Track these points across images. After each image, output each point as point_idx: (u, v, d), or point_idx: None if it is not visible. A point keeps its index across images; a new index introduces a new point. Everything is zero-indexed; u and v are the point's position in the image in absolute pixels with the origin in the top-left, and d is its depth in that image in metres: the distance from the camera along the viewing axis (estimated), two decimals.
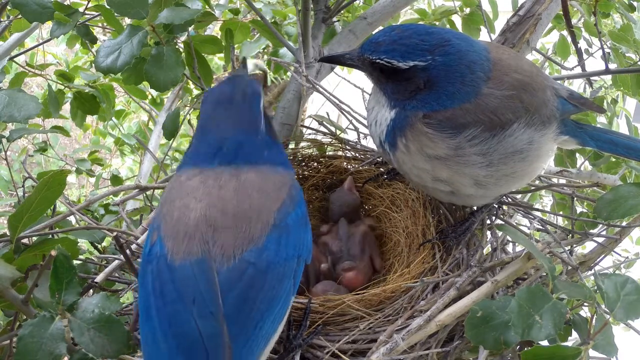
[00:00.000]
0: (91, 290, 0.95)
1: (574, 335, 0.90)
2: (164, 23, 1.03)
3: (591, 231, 1.06)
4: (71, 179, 3.37)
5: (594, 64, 1.51)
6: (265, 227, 0.71)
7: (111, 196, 1.30)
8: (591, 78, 1.81)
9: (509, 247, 1.07)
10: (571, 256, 0.97)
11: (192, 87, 2.01)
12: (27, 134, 1.40)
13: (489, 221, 1.04)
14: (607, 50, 1.36)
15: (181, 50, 1.13)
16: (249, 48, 1.72)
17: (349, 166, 1.27)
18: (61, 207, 1.62)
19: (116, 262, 0.99)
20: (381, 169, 1.23)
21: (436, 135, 0.86)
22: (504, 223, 1.04)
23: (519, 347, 0.88)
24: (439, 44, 0.84)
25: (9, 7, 1.22)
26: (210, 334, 0.64)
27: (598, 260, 1.03)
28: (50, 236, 0.89)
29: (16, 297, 0.74)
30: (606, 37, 1.32)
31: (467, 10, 1.69)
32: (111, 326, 0.71)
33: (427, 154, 0.88)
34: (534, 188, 1.19)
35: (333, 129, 1.28)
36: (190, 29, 1.16)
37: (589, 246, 1.07)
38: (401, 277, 1.01)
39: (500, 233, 1.02)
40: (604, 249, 1.01)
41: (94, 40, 1.27)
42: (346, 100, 1.25)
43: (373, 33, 1.37)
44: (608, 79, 1.84)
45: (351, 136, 1.28)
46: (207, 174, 0.74)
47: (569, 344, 0.84)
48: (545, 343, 0.77)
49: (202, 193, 0.72)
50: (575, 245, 1.05)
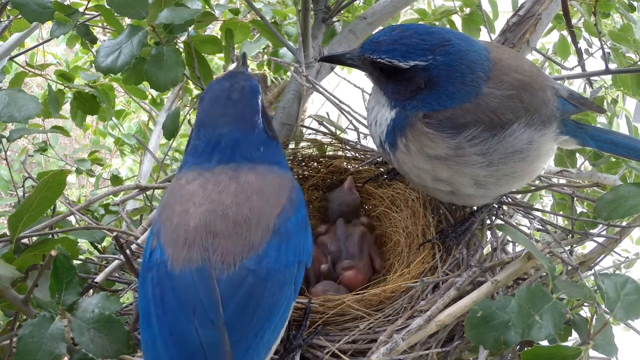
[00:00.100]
0: (91, 290, 0.95)
1: (574, 335, 0.90)
2: (164, 23, 1.03)
3: (591, 231, 1.06)
4: (71, 179, 3.37)
5: (594, 64, 1.51)
6: (266, 233, 0.70)
7: (111, 196, 1.30)
8: (591, 78, 1.81)
9: (509, 247, 1.07)
10: (571, 256, 0.97)
11: (192, 87, 2.01)
12: (27, 134, 1.40)
13: (489, 221, 1.04)
14: (607, 50, 1.36)
15: (181, 50, 1.13)
16: (249, 48, 1.72)
17: (349, 166, 1.27)
18: (61, 207, 1.62)
19: (116, 262, 0.99)
20: (381, 169, 1.23)
21: (436, 135, 0.86)
22: (504, 223, 1.04)
23: (519, 347, 0.88)
24: (439, 43, 0.84)
25: (9, 7, 1.22)
26: (211, 343, 0.64)
27: (598, 260, 1.03)
28: (50, 236, 0.89)
29: (16, 297, 0.74)
30: (606, 37, 1.32)
31: (467, 10, 1.69)
32: (111, 326, 0.71)
33: (427, 154, 0.88)
34: (534, 188, 1.19)
35: (333, 129, 1.28)
36: (190, 29, 1.16)
37: (589, 246, 1.07)
38: (401, 277, 1.01)
39: (500, 233, 1.02)
40: (604, 249, 1.01)
41: (94, 40, 1.27)
42: (346, 100, 1.25)
43: (373, 33, 1.37)
44: (608, 79, 1.84)
45: (351, 136, 1.28)
46: (206, 177, 0.74)
47: (569, 344, 0.84)
48: (545, 343, 0.77)
49: (201, 198, 0.72)
50: (575, 245, 1.05)
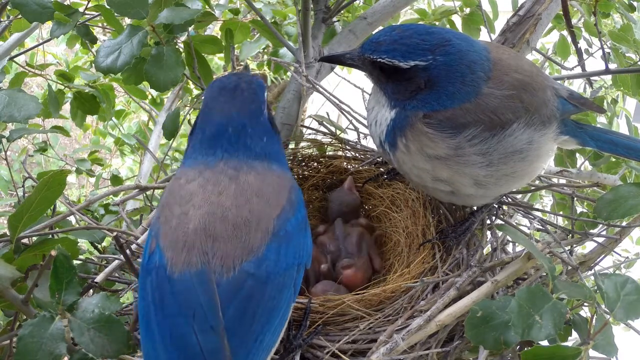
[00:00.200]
0: (91, 290, 0.95)
1: (574, 335, 0.90)
2: (164, 23, 1.03)
3: (591, 231, 1.06)
4: (71, 179, 3.37)
5: (594, 64, 1.51)
6: (265, 236, 0.70)
7: (111, 196, 1.30)
8: (591, 78, 1.81)
9: (509, 247, 1.07)
10: (571, 256, 0.97)
11: (192, 87, 2.01)
12: (27, 134, 1.40)
13: (489, 221, 1.04)
14: (607, 50, 1.36)
15: (181, 50, 1.13)
16: (249, 48, 1.71)
17: (349, 166, 1.27)
18: (61, 207, 1.62)
19: (116, 262, 0.99)
20: (381, 169, 1.23)
21: (436, 135, 0.86)
22: (504, 223, 1.04)
23: (519, 347, 0.88)
24: (439, 43, 0.84)
25: (9, 7, 1.22)
26: (210, 348, 0.64)
27: (598, 260, 1.03)
28: (50, 236, 0.89)
29: (16, 297, 0.74)
30: (606, 37, 1.32)
31: (467, 10, 1.69)
32: (111, 326, 0.71)
33: (427, 154, 0.88)
34: (534, 188, 1.19)
35: (333, 129, 1.28)
36: (190, 29, 1.16)
37: (589, 246, 1.07)
38: (401, 277, 1.01)
39: (500, 233, 1.02)
40: (604, 249, 1.01)
41: (94, 40, 1.27)
42: (346, 100, 1.25)
43: (373, 33, 1.37)
44: (608, 79, 1.84)
45: (351, 136, 1.28)
46: (206, 176, 0.74)
47: (569, 344, 0.84)
48: (545, 343, 0.77)
49: (201, 200, 0.71)
50: (575, 245, 1.05)
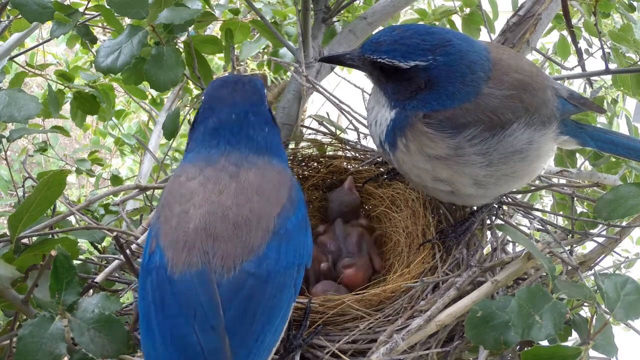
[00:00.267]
0: (91, 290, 0.95)
1: (574, 335, 0.90)
2: (164, 23, 1.03)
3: (591, 231, 1.06)
4: (71, 179, 3.37)
5: (594, 64, 1.51)
6: (266, 234, 0.70)
7: (111, 196, 1.30)
8: (591, 78, 1.81)
9: (509, 247, 1.07)
10: (571, 256, 0.97)
11: (192, 87, 2.01)
12: (27, 134, 1.40)
13: (489, 221, 1.04)
14: (607, 50, 1.36)
15: (181, 50, 1.13)
16: (249, 48, 1.71)
17: (349, 166, 1.27)
18: (61, 207, 1.62)
19: (116, 262, 0.99)
20: (381, 169, 1.23)
21: (436, 135, 0.86)
22: (504, 223, 1.04)
23: (519, 347, 0.88)
24: (440, 44, 0.84)
25: (9, 7, 1.22)
26: (211, 348, 0.64)
27: (598, 260, 1.03)
28: (50, 236, 0.89)
29: (16, 297, 0.74)
30: (606, 37, 1.32)
31: (467, 10, 1.69)
32: (111, 326, 0.71)
33: (427, 154, 0.88)
34: (534, 188, 1.19)
35: (333, 129, 1.28)
36: (190, 29, 1.16)
37: (589, 246, 1.07)
38: (401, 277, 1.01)
39: (500, 233, 1.02)
40: (604, 249, 1.01)
41: (94, 40, 1.27)
42: (346, 100, 1.25)
43: (373, 33, 1.37)
44: (608, 79, 1.84)
45: (351, 136, 1.28)
46: (207, 174, 0.74)
47: (569, 344, 0.84)
48: (545, 343, 0.77)
49: (201, 199, 0.71)
50: (575, 245, 1.05)
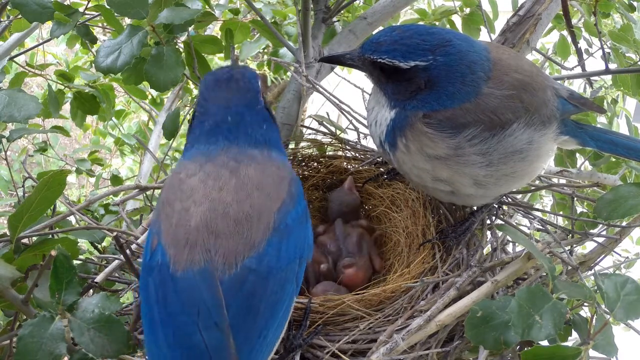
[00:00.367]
0: (91, 290, 0.95)
1: (574, 335, 0.90)
2: (164, 23, 1.03)
3: (591, 231, 1.06)
4: (71, 179, 3.37)
5: (594, 64, 1.51)
6: (266, 230, 0.70)
7: (111, 196, 1.30)
8: (591, 78, 1.81)
9: (509, 247, 1.07)
10: (571, 256, 0.97)
11: (192, 87, 2.01)
12: (27, 134, 1.40)
13: (489, 221, 1.04)
14: (607, 50, 1.36)
15: (181, 50, 1.13)
16: (249, 48, 1.71)
17: (349, 166, 1.27)
18: (61, 207, 1.62)
19: (116, 262, 0.99)
20: (381, 169, 1.23)
21: (436, 135, 0.86)
22: (504, 223, 1.04)
23: (519, 347, 0.88)
24: (440, 44, 0.84)
25: (9, 7, 1.22)
26: (216, 346, 0.63)
27: (598, 260, 1.03)
28: (50, 236, 0.89)
29: (16, 297, 0.74)
30: (606, 37, 1.32)
31: (467, 10, 1.69)
32: (111, 326, 0.71)
33: (427, 154, 0.88)
34: (534, 188, 1.19)
35: (333, 129, 1.28)
36: (190, 29, 1.16)
37: (589, 246, 1.07)
38: (401, 277, 1.01)
39: (500, 233, 1.02)
40: (604, 249, 1.01)
41: (94, 40, 1.27)
42: (346, 100, 1.25)
43: (373, 33, 1.37)
44: (608, 79, 1.84)
45: (351, 136, 1.28)
46: (207, 170, 0.73)
47: (569, 344, 0.84)
48: (545, 343, 0.77)
49: (202, 195, 0.71)
50: (575, 245, 1.05)
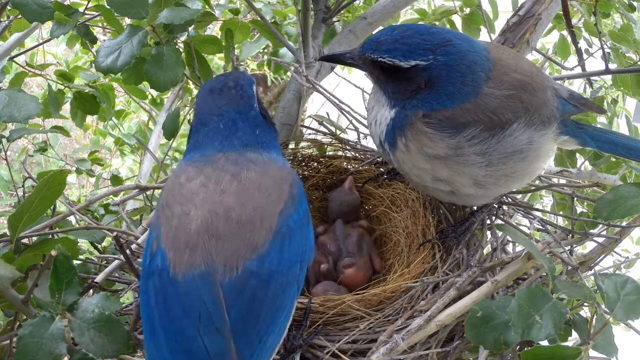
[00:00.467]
0: (91, 290, 0.95)
1: (574, 335, 0.90)
2: (164, 23, 1.03)
3: (591, 231, 1.06)
4: (71, 179, 3.37)
5: (594, 64, 1.51)
6: (268, 233, 0.70)
7: (111, 196, 1.30)
8: (591, 78, 1.81)
9: (509, 247, 1.07)
10: (571, 256, 0.97)
11: (192, 87, 2.01)
12: (27, 134, 1.40)
13: (489, 221, 1.04)
14: (607, 50, 1.36)
15: (181, 50, 1.13)
16: (249, 48, 1.72)
17: (349, 166, 1.27)
18: (61, 207, 1.62)
19: (116, 262, 0.99)
20: (381, 169, 1.23)
21: (436, 134, 0.86)
22: (504, 223, 1.04)
23: (519, 347, 0.88)
24: (440, 43, 0.84)
25: (9, 7, 1.22)
26: (217, 351, 0.63)
27: (598, 260, 1.03)
28: (50, 236, 0.89)
29: (16, 297, 0.74)
30: (606, 37, 1.32)
31: (467, 10, 1.69)
32: (111, 326, 0.71)
33: (427, 154, 0.88)
34: (534, 188, 1.19)
35: (333, 129, 1.28)
36: (190, 29, 1.16)
37: (589, 246, 1.07)
38: (401, 277, 1.01)
39: (500, 233, 1.02)
40: (604, 249, 1.01)
41: (94, 40, 1.27)
42: (346, 100, 1.25)
43: (373, 33, 1.37)
44: (608, 79, 1.84)
45: (351, 136, 1.28)
46: (207, 174, 0.73)
47: (569, 344, 0.84)
48: (545, 343, 0.77)
49: (202, 199, 0.71)
50: (575, 245, 1.05)
